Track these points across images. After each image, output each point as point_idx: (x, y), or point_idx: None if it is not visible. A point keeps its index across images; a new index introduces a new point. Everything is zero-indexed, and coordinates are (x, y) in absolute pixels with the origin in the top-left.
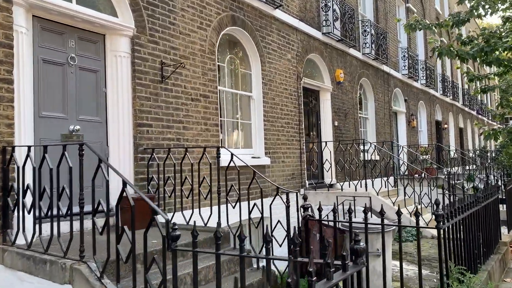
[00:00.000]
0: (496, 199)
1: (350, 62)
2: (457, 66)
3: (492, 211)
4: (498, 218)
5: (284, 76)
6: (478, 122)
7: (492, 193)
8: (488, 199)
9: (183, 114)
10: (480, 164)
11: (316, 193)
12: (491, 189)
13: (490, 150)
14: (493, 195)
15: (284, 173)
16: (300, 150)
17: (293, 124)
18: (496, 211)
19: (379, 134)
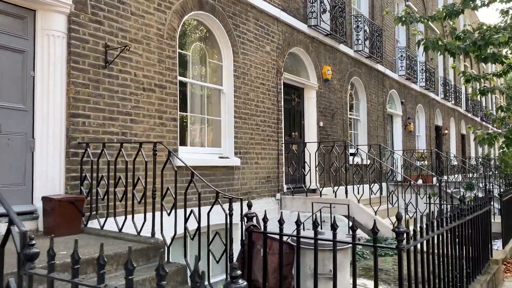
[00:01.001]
0: (487, 211)
1: (340, 59)
2: (453, 65)
3: (482, 225)
4: (489, 233)
5: (261, 70)
6: (471, 125)
7: (482, 204)
8: (476, 211)
9: (131, 105)
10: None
11: (293, 199)
12: (481, 200)
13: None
14: (484, 207)
15: (257, 176)
16: (278, 151)
17: (271, 122)
18: (486, 225)
19: (371, 137)
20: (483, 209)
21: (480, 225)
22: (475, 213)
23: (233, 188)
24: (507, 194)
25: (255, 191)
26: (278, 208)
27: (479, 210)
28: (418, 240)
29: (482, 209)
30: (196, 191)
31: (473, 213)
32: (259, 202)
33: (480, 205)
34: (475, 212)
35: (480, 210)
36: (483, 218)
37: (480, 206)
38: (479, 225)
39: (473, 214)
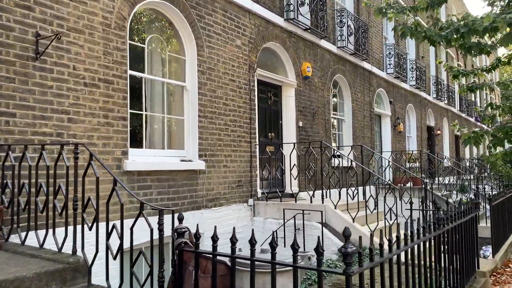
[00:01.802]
0: (472, 219)
1: (322, 55)
2: (439, 60)
3: (466, 233)
4: (475, 242)
5: (230, 66)
6: (456, 123)
7: (467, 211)
8: (459, 219)
9: (70, 102)
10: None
11: (267, 205)
12: (466, 206)
13: None
14: (469, 213)
15: (226, 180)
16: (251, 153)
17: (242, 122)
18: (473, 233)
19: (356, 138)
20: (468, 216)
21: (464, 234)
22: (456, 222)
23: (197, 194)
24: (497, 198)
25: (223, 197)
26: (251, 215)
27: (462, 218)
28: (376, 261)
29: (466, 216)
30: (138, 201)
31: (455, 222)
32: (229, 209)
33: (464, 212)
34: (458, 220)
35: (464, 218)
36: (468, 226)
37: (464, 213)
38: (462, 234)
39: (454, 223)
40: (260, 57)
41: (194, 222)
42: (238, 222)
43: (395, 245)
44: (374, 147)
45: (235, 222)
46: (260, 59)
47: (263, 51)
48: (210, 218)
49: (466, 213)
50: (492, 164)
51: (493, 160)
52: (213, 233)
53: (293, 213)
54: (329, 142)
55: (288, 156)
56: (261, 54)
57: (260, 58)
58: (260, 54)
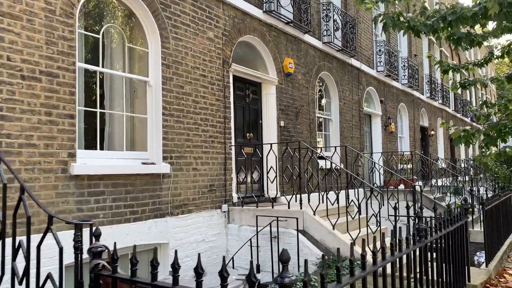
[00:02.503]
0: (461, 227)
1: (306, 51)
2: (428, 54)
3: (454, 244)
4: (465, 252)
5: (201, 60)
6: (444, 121)
7: (454, 219)
8: (444, 230)
9: (2, 97)
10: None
11: (242, 211)
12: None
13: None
14: (455, 222)
15: (196, 185)
16: (225, 154)
17: (215, 121)
18: (462, 243)
19: (344, 139)
20: (455, 225)
21: (451, 245)
22: (441, 232)
23: (161, 200)
24: (490, 203)
25: (192, 203)
26: (225, 222)
27: (448, 227)
28: (358, 276)
29: (454, 224)
30: (97, 208)
31: (440, 232)
32: (199, 216)
33: (451, 220)
34: (443, 231)
35: (450, 227)
36: (456, 236)
37: (451, 221)
38: (450, 245)
39: (439, 233)
40: (237, 51)
41: (157, 231)
42: (209, 230)
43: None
44: (363, 148)
45: (206, 230)
46: (236, 53)
47: (240, 45)
48: (176, 226)
49: (454, 221)
50: (485, 165)
51: (486, 161)
52: (132, 254)
53: (268, 220)
54: (314, 143)
55: (270, 158)
56: (237, 48)
57: (237, 52)
58: (236, 48)
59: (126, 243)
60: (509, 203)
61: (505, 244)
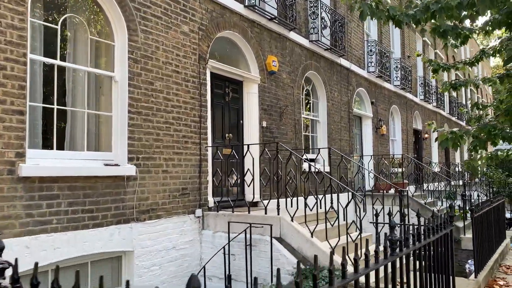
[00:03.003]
0: (445, 236)
1: (291, 49)
2: (418, 53)
3: (439, 253)
4: (450, 262)
5: (174, 55)
6: (431, 122)
7: (437, 228)
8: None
9: None
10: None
11: (217, 216)
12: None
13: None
14: (439, 230)
15: (166, 188)
16: (201, 156)
17: (189, 120)
18: (447, 252)
19: (332, 141)
20: (438, 235)
21: (434, 255)
22: (420, 243)
23: (125, 205)
24: (481, 209)
25: (162, 207)
26: (199, 228)
27: (429, 237)
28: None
29: (437, 234)
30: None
31: (418, 243)
32: (169, 221)
33: (435, 229)
34: (422, 241)
35: (432, 237)
36: (439, 245)
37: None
38: (432, 256)
39: (414, 246)
40: (216, 47)
41: (120, 239)
42: (181, 236)
43: None
44: (353, 150)
45: (177, 237)
46: (215, 50)
47: (218, 41)
48: (143, 233)
49: (437, 230)
50: (473, 170)
51: (475, 165)
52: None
53: (243, 226)
54: (300, 144)
55: (251, 160)
56: (216, 44)
57: (216, 48)
58: (215, 45)
59: (85, 251)
60: (502, 208)
61: (496, 252)
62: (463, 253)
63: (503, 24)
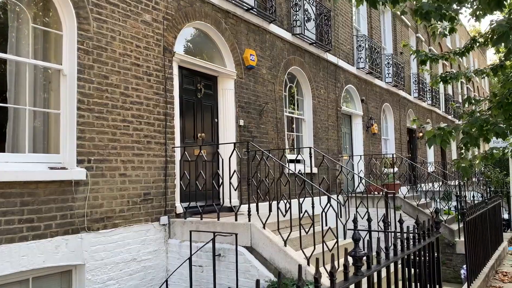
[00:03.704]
0: (430, 245)
1: (272, 42)
2: (403, 42)
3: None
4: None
5: (134, 46)
6: (415, 118)
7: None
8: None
9: None
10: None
11: (184, 223)
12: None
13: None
14: (421, 241)
15: (125, 193)
16: (166, 157)
17: (152, 118)
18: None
19: (319, 140)
20: (418, 246)
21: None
22: (396, 257)
23: (74, 213)
24: (474, 211)
25: (120, 215)
26: (165, 237)
27: (408, 249)
28: None
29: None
30: None
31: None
32: (129, 230)
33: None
34: (399, 254)
35: (412, 248)
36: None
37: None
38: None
39: (387, 261)
40: (185, 39)
41: (68, 251)
42: (143, 247)
43: None
44: (341, 150)
45: (138, 247)
46: (184, 42)
47: (188, 32)
48: (96, 244)
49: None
50: (463, 170)
51: (465, 164)
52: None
53: (209, 235)
54: (282, 144)
55: (227, 161)
56: (185, 36)
57: (185, 41)
58: (184, 36)
59: (22, 266)
60: (498, 210)
61: (492, 257)
62: (458, 257)
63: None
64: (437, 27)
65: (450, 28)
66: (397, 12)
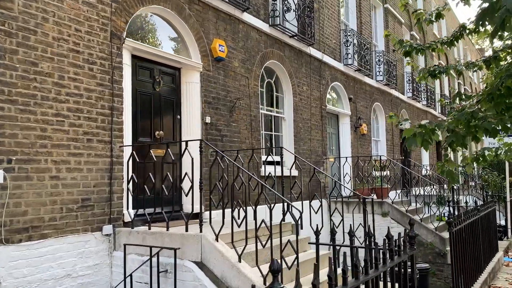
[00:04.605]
0: (400, 265)
1: (246, 33)
2: (386, 32)
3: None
4: None
5: (73, 30)
6: (392, 114)
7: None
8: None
9: None
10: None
11: (131, 233)
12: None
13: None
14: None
15: (58, 199)
16: (112, 158)
17: (95, 113)
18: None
19: (300, 141)
20: (381, 270)
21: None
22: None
23: None
24: (463, 220)
25: (50, 224)
26: (109, 249)
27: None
28: None
29: (385, 266)
30: None
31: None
32: (62, 242)
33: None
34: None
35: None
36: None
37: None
38: None
39: None
40: (140, 25)
41: None
42: (81, 261)
43: None
44: (326, 151)
45: (74, 261)
46: (139, 28)
47: (144, 17)
48: (17, 258)
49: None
50: (449, 175)
51: (450, 170)
52: None
53: (149, 249)
54: (257, 144)
55: (189, 163)
56: (140, 21)
57: (140, 27)
58: (138, 22)
59: None
60: (493, 217)
61: (485, 271)
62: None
63: None
64: (422, 14)
65: (437, 14)
66: (389, 8)
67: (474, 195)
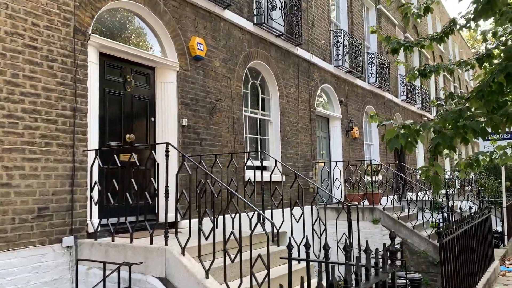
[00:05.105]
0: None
1: (228, 31)
2: (372, 28)
3: None
4: None
5: (30, 24)
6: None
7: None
8: None
9: None
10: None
11: (93, 246)
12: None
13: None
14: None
15: (9, 208)
16: (74, 163)
17: (54, 114)
18: None
19: (288, 145)
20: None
21: None
22: None
23: None
24: (453, 230)
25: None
26: (69, 263)
27: None
28: None
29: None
30: None
31: None
32: (14, 255)
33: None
34: None
35: None
36: None
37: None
38: None
39: None
40: (109, 21)
41: None
42: (37, 276)
43: None
44: (315, 155)
45: (29, 277)
46: (108, 24)
47: (114, 13)
48: None
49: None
50: (433, 181)
51: (433, 176)
52: None
53: (119, 260)
54: (240, 148)
55: (164, 168)
56: (110, 17)
57: (110, 23)
58: (107, 17)
59: None
60: (488, 224)
61: (480, 282)
62: None
63: None
64: (410, 8)
65: (425, 8)
66: (382, 9)
67: (470, 200)
